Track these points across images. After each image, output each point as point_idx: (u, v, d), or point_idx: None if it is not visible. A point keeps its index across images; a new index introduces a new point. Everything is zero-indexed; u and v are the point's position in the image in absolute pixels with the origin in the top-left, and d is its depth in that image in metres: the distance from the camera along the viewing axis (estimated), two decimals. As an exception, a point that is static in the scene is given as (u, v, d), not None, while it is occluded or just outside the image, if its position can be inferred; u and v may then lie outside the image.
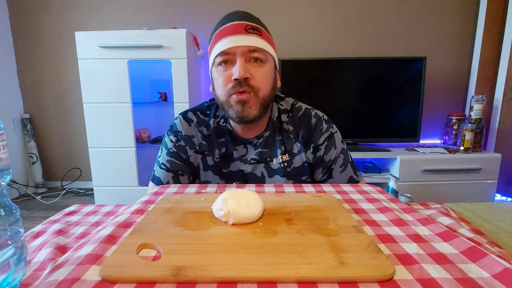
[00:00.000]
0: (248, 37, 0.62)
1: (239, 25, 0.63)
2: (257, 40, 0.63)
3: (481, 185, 1.82)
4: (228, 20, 0.65)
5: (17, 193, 2.24)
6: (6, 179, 0.30)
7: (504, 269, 0.29)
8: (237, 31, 0.62)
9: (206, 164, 0.73)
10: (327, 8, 2.11)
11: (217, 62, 0.64)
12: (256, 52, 0.63)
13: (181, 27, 1.84)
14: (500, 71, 2.00)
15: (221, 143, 0.73)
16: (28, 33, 2.19)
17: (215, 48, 0.64)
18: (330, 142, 0.72)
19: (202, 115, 0.76)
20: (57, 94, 2.28)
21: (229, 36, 0.62)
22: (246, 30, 0.62)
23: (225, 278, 0.29)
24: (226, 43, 0.62)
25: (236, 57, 0.62)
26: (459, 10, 2.08)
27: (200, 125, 0.74)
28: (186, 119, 0.75)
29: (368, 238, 0.36)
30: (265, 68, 0.65)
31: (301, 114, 0.74)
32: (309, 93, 1.98)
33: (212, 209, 0.43)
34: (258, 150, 0.72)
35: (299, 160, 0.71)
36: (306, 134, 0.72)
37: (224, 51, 0.62)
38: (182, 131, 0.74)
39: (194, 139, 0.74)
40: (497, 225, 0.53)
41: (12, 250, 0.29)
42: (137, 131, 1.99)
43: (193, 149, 0.74)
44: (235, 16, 0.65)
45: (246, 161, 0.72)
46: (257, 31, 0.64)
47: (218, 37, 0.64)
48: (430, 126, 2.22)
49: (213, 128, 0.74)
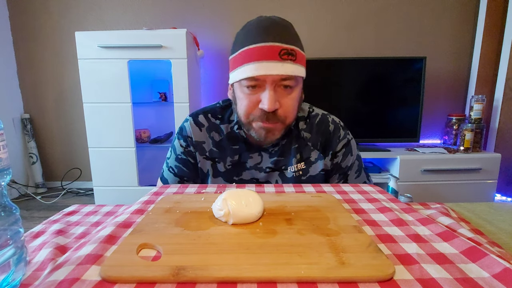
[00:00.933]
0: (281, 64, 0.55)
1: (273, 48, 0.55)
2: (291, 67, 0.56)
3: (481, 185, 1.82)
4: (261, 37, 0.56)
5: (17, 193, 2.24)
6: (6, 179, 0.30)
7: (504, 269, 0.29)
8: (270, 56, 0.55)
9: (217, 171, 0.70)
10: (327, 8, 2.11)
11: (243, 84, 0.59)
12: (288, 80, 0.57)
13: (181, 27, 1.84)
14: (500, 71, 2.00)
15: (234, 150, 0.70)
16: (28, 33, 2.19)
17: (242, 69, 0.58)
18: (347, 149, 0.71)
19: (214, 118, 0.72)
20: (57, 94, 2.28)
21: (261, 61, 0.55)
22: (280, 56, 0.55)
23: (225, 278, 0.29)
24: (256, 69, 0.55)
25: (266, 84, 0.57)
26: (459, 10, 2.08)
27: (211, 130, 0.71)
28: (196, 124, 0.71)
29: (368, 238, 0.36)
30: (294, 94, 0.61)
31: (318, 121, 0.72)
32: (309, 93, 1.97)
33: (212, 209, 0.43)
34: (274, 158, 0.69)
35: (316, 168, 0.69)
36: (325, 141, 0.70)
37: (253, 77, 0.56)
38: (192, 136, 0.71)
39: (204, 145, 0.71)
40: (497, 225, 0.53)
41: (12, 250, 0.29)
42: (137, 131, 1.99)
43: (203, 155, 0.71)
44: (269, 33, 0.56)
45: (261, 169, 0.69)
46: (292, 55, 0.56)
47: (246, 57, 0.57)
48: (430, 126, 2.22)
49: (226, 134, 0.70)
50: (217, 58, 2.18)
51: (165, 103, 2.08)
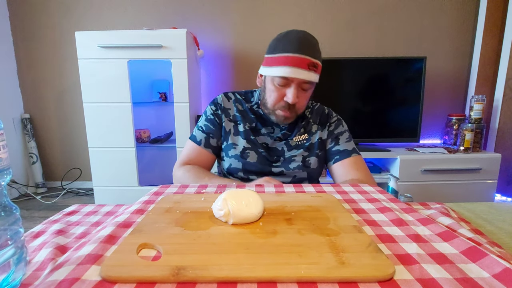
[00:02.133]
0: (308, 73, 0.74)
1: (304, 60, 0.73)
2: (313, 76, 0.75)
3: (481, 185, 1.82)
4: (296, 49, 0.73)
5: (17, 193, 2.24)
6: (6, 179, 0.30)
7: (504, 269, 0.29)
8: (300, 64, 0.73)
9: (237, 130, 0.88)
10: (327, 8, 2.11)
11: (276, 80, 0.77)
12: (308, 84, 0.76)
13: (181, 27, 1.84)
14: (500, 71, 2.00)
15: (252, 119, 0.89)
16: (28, 33, 2.19)
17: (277, 68, 0.75)
18: (338, 122, 0.92)
19: (240, 95, 0.93)
20: (57, 94, 2.28)
21: (293, 67, 0.73)
22: (308, 67, 0.73)
23: (225, 278, 0.29)
24: (289, 72, 0.73)
25: (292, 83, 0.75)
26: (459, 10, 2.08)
27: (236, 102, 0.92)
28: (226, 96, 0.93)
29: (368, 238, 0.36)
30: (308, 93, 0.80)
31: (317, 107, 0.94)
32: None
33: (212, 209, 0.43)
34: (283, 131, 0.88)
35: (316, 136, 0.89)
36: (322, 118, 0.92)
37: (286, 77, 0.75)
38: (221, 103, 0.91)
39: (230, 111, 0.90)
40: (497, 225, 0.53)
41: (12, 250, 0.29)
42: (137, 131, 1.99)
43: (228, 117, 0.90)
44: (302, 47, 0.73)
45: (272, 137, 0.88)
46: (315, 67, 0.75)
47: (283, 62, 0.74)
48: (430, 126, 2.22)
49: (248, 107, 0.90)
50: (217, 58, 2.18)
51: (165, 103, 2.08)
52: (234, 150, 0.86)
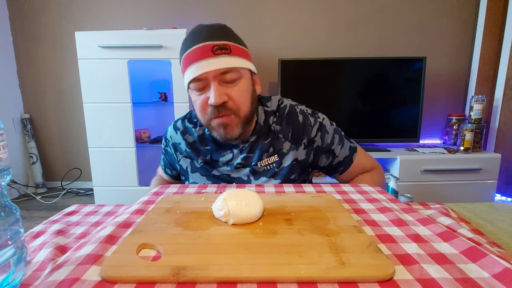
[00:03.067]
0: (217, 59, 0.59)
1: (205, 47, 0.60)
2: (227, 60, 0.60)
3: (481, 185, 1.82)
4: (194, 41, 0.61)
5: (17, 193, 2.24)
6: (6, 179, 0.30)
7: (504, 269, 0.29)
8: (204, 54, 0.60)
9: (194, 167, 0.77)
10: (327, 8, 2.11)
11: (192, 88, 0.64)
12: (229, 73, 0.61)
13: (181, 27, 1.84)
14: (500, 71, 2.00)
15: (205, 150, 0.76)
16: (28, 33, 2.19)
17: (186, 74, 0.63)
18: (322, 130, 0.74)
19: (189, 122, 0.79)
20: (57, 94, 2.28)
21: (198, 61, 0.60)
22: (214, 52, 0.59)
23: (225, 278, 0.29)
24: (196, 69, 0.60)
25: (209, 81, 0.61)
26: (459, 10, 2.08)
27: (184, 133, 0.78)
28: (174, 128, 0.81)
29: (368, 238, 0.36)
30: (240, 85, 0.64)
31: (287, 113, 0.74)
32: (309, 93, 1.98)
33: (212, 209, 0.43)
34: (244, 155, 0.72)
35: (288, 159, 0.72)
36: (296, 131, 0.73)
37: (196, 78, 0.61)
38: (170, 139, 0.81)
39: (180, 146, 0.79)
40: (497, 225, 0.53)
41: (12, 250, 0.29)
42: (137, 131, 1.99)
43: (182, 154, 0.79)
44: (200, 36, 0.61)
45: (232, 165, 0.73)
46: (226, 49, 0.61)
47: (186, 62, 0.62)
48: (430, 126, 2.22)
49: (197, 137, 0.77)
50: (217, 58, 2.18)
51: (165, 103, 2.08)
52: None
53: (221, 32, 0.62)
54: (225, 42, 0.61)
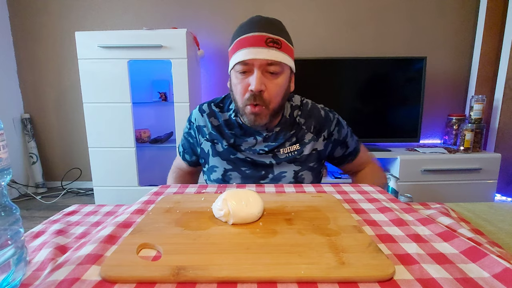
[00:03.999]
0: (267, 50, 0.64)
1: (260, 37, 0.64)
2: (276, 53, 0.65)
3: (481, 185, 1.82)
4: (251, 29, 0.65)
5: (17, 193, 2.24)
6: (6, 179, 0.30)
7: (504, 269, 0.29)
8: (257, 43, 0.64)
9: (215, 151, 0.79)
10: (327, 8, 2.11)
11: (236, 69, 0.68)
12: (273, 66, 0.65)
13: (181, 27, 1.84)
14: (500, 71, 2.00)
15: (230, 134, 0.78)
16: (28, 33, 2.19)
17: (235, 56, 0.67)
18: (339, 125, 0.82)
19: (215, 106, 0.82)
20: (57, 94, 2.28)
21: (249, 47, 0.64)
22: (266, 44, 0.64)
23: (225, 278, 0.29)
24: (246, 54, 0.64)
25: (254, 68, 0.65)
26: (459, 10, 2.08)
27: (210, 116, 0.81)
28: (200, 110, 0.83)
29: (368, 238, 0.36)
30: (279, 79, 0.68)
31: (310, 108, 0.81)
32: (309, 93, 1.96)
33: (212, 209, 0.43)
34: (268, 143, 0.77)
35: (309, 148, 0.78)
36: (318, 124, 0.79)
37: (243, 61, 0.65)
38: (194, 121, 0.83)
39: (205, 129, 0.81)
40: (497, 225, 0.53)
41: (12, 250, 0.29)
42: (137, 131, 1.99)
43: (204, 137, 0.81)
44: (258, 26, 0.66)
45: (255, 151, 0.77)
46: (277, 44, 0.65)
47: (238, 46, 0.66)
48: (430, 126, 2.22)
49: (223, 121, 0.80)
50: (217, 58, 2.18)
51: (165, 103, 2.08)
52: (216, 173, 0.78)
53: (277, 27, 0.67)
54: (278, 37, 0.65)
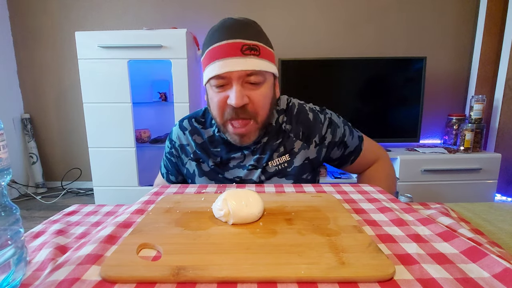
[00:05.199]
0: (244, 60, 0.57)
1: (234, 45, 0.57)
2: (255, 62, 0.58)
3: (481, 185, 1.82)
4: (223, 36, 0.58)
5: (17, 193, 2.24)
6: (6, 179, 0.30)
7: (504, 269, 0.29)
8: (232, 53, 0.57)
9: (202, 170, 0.74)
10: (327, 8, 2.11)
11: (212, 84, 0.60)
12: (254, 76, 0.58)
13: (181, 27, 1.84)
14: (500, 71, 2.00)
15: (215, 152, 0.72)
16: (28, 33, 2.19)
17: (208, 68, 0.60)
18: (333, 126, 0.73)
19: (197, 122, 0.75)
20: (57, 94, 2.28)
21: (224, 58, 0.57)
22: (243, 52, 0.57)
23: (225, 278, 0.29)
24: (221, 67, 0.57)
25: (232, 81, 0.58)
26: (459, 10, 2.08)
27: (193, 134, 0.74)
28: (181, 128, 0.76)
29: (368, 238, 0.36)
30: (263, 89, 0.61)
31: (297, 111, 0.73)
32: (309, 93, 1.98)
33: (212, 209, 0.43)
34: (256, 156, 0.70)
35: (300, 158, 0.71)
36: (307, 129, 0.72)
37: (219, 75, 0.58)
38: (176, 140, 0.76)
39: (188, 147, 0.75)
40: (497, 225, 0.53)
41: (12, 250, 0.29)
42: (137, 131, 1.99)
43: (188, 157, 0.75)
44: (231, 31, 0.58)
45: (244, 167, 0.71)
46: (255, 50, 0.58)
47: (211, 56, 0.59)
48: (430, 126, 2.22)
49: (207, 138, 0.73)
50: (217, 58, 2.18)
51: (165, 103, 2.08)
52: None
53: (252, 31, 0.60)
54: (255, 43, 0.58)
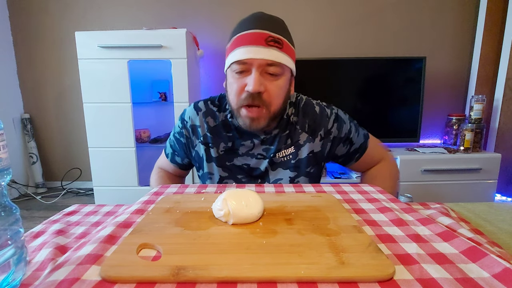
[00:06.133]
0: (267, 50, 0.60)
1: (260, 35, 0.60)
2: (277, 54, 0.60)
3: (481, 185, 1.82)
4: (251, 26, 0.61)
5: (17, 193, 2.24)
6: (6, 179, 0.30)
7: (504, 269, 0.29)
8: (257, 41, 0.60)
9: (210, 156, 0.74)
10: (327, 8, 2.11)
11: (233, 69, 0.63)
12: (273, 67, 0.61)
13: (181, 27, 1.84)
14: (500, 71, 2.00)
15: (227, 137, 0.73)
16: (28, 33, 2.19)
17: (232, 54, 0.63)
18: (339, 121, 0.74)
19: (213, 105, 0.76)
20: (57, 94, 2.28)
21: (248, 46, 0.60)
22: (267, 42, 0.60)
23: (225, 278, 0.29)
24: (244, 53, 0.60)
25: (252, 67, 0.61)
26: (459, 10, 2.08)
27: (207, 115, 0.75)
28: (196, 108, 0.76)
29: (368, 238, 0.36)
30: (280, 81, 0.64)
31: (304, 104, 0.75)
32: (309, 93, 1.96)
33: (212, 209, 0.43)
34: (265, 146, 0.72)
35: (305, 151, 0.72)
36: (313, 123, 0.73)
37: (241, 61, 0.61)
38: (188, 120, 0.76)
39: (200, 129, 0.75)
40: (497, 225, 0.53)
41: (12, 250, 0.29)
42: (137, 131, 1.99)
43: (199, 139, 0.75)
44: (258, 23, 0.62)
45: (252, 155, 0.73)
46: (278, 43, 0.61)
47: (237, 43, 0.62)
48: (430, 126, 2.22)
49: (221, 122, 0.74)
50: (217, 58, 2.18)
51: (165, 103, 2.08)
52: (210, 180, 0.74)
53: (279, 26, 0.63)
54: (279, 37, 0.61)
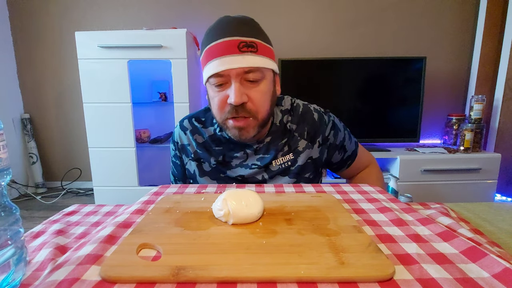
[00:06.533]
0: (242, 57, 0.57)
1: (231, 42, 0.57)
2: (253, 59, 0.58)
3: (481, 185, 1.82)
4: (220, 34, 0.59)
5: (17, 193, 2.24)
6: (6, 179, 0.30)
7: (504, 269, 0.29)
8: (230, 50, 0.57)
9: (202, 170, 0.74)
10: (327, 8, 2.11)
11: (211, 83, 0.61)
12: (252, 73, 0.59)
13: (181, 27, 1.84)
14: (500, 71, 2.00)
15: (218, 151, 0.72)
16: (28, 33, 2.19)
17: (207, 67, 0.60)
18: (335, 129, 0.75)
19: (197, 122, 0.76)
20: (57, 94, 2.28)
21: (222, 57, 0.57)
22: (240, 49, 0.57)
23: (225, 278, 0.29)
24: (218, 65, 0.57)
25: (231, 79, 0.58)
26: (459, 10, 2.08)
27: (194, 133, 0.75)
28: (182, 128, 0.76)
29: (368, 238, 0.36)
30: (262, 86, 0.61)
31: (302, 111, 0.74)
32: (309, 93, 1.98)
33: (212, 209, 0.43)
34: (259, 155, 0.71)
35: (303, 157, 0.72)
36: (312, 130, 0.73)
37: (217, 73, 0.58)
38: (178, 141, 0.77)
39: (189, 147, 0.75)
40: (497, 225, 0.53)
41: (12, 250, 0.29)
42: (137, 131, 1.99)
43: (189, 157, 0.75)
44: (227, 29, 0.58)
45: (246, 166, 0.71)
46: (252, 47, 0.58)
47: (209, 55, 0.60)
48: (430, 126, 2.22)
49: (208, 137, 0.74)
50: (217, 58, 2.18)
51: (165, 103, 2.08)
52: None
53: (249, 28, 0.60)
54: (252, 40, 0.58)
